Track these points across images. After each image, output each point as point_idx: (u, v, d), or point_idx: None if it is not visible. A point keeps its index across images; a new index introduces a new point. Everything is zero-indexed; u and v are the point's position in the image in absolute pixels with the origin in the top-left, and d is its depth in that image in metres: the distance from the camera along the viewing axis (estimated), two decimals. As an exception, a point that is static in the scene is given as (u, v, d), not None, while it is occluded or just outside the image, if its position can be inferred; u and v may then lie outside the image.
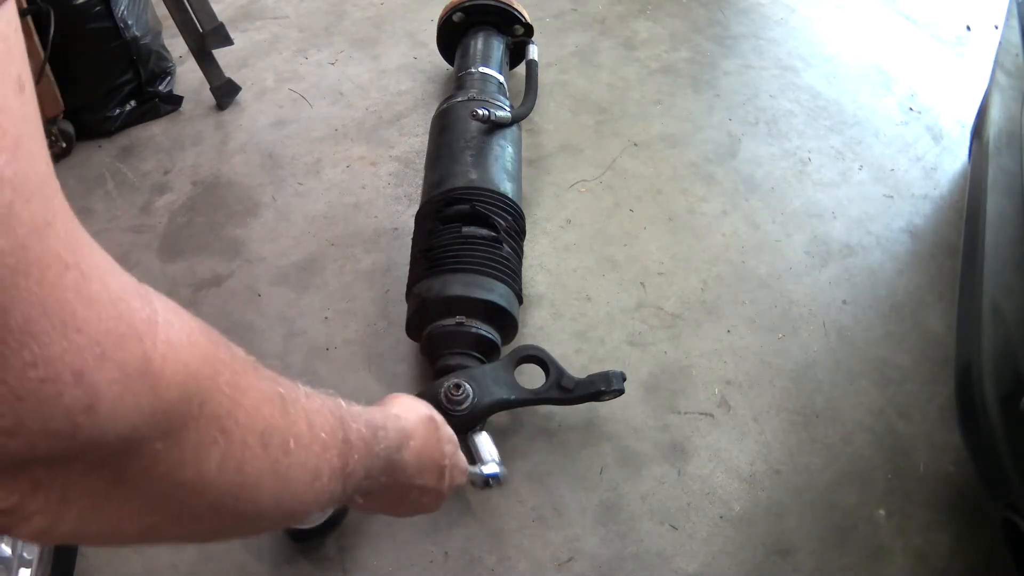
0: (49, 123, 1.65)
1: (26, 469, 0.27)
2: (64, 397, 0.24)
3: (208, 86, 1.82)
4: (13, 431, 0.24)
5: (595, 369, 1.22)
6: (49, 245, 0.24)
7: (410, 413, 0.65)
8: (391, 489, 0.61)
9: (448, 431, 0.73)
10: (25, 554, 0.90)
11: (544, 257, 1.52)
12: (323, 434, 0.43)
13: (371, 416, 0.54)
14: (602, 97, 1.89)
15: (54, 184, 0.25)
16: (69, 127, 1.71)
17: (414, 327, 1.26)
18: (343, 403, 0.49)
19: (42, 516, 0.29)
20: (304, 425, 0.41)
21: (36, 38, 1.48)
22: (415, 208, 1.42)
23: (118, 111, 1.76)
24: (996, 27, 2.14)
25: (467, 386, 1.11)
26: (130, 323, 0.27)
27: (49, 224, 0.24)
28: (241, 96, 1.87)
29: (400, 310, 1.31)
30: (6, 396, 0.23)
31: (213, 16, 1.73)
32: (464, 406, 1.11)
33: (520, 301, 1.28)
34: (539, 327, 1.40)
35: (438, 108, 1.52)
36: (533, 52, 1.73)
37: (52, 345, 0.24)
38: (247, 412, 0.35)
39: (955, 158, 1.78)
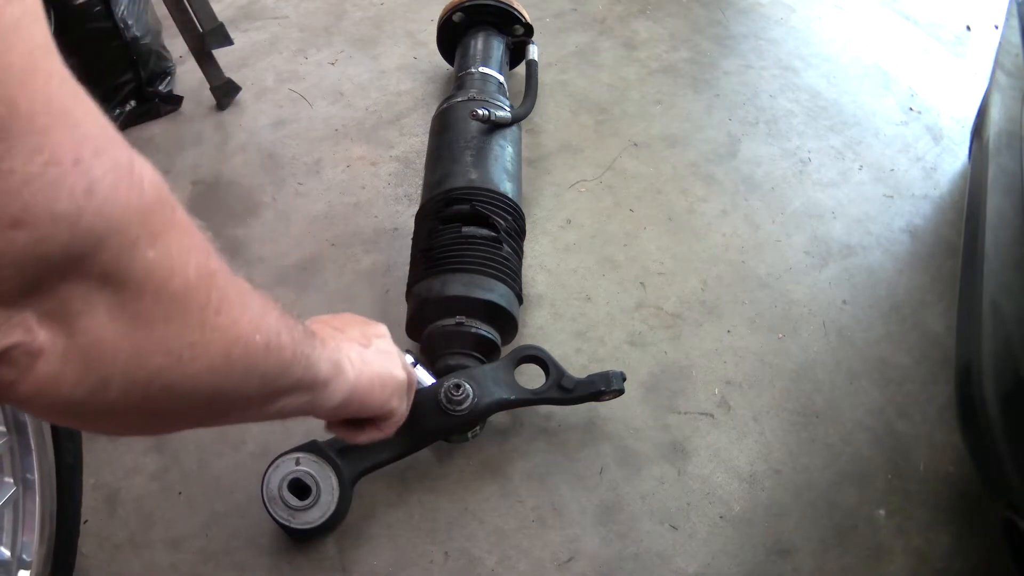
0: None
1: (31, 292, 0.28)
2: (67, 179, 0.27)
3: (208, 86, 1.82)
4: (20, 218, 0.25)
5: (595, 369, 1.22)
6: (53, 60, 0.27)
7: (364, 368, 0.65)
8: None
9: (400, 385, 0.74)
10: (24, 556, 0.90)
11: (544, 257, 1.52)
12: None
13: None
14: (602, 97, 1.90)
15: (42, 16, 0.27)
16: (69, 127, 1.70)
17: (414, 327, 1.26)
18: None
19: (48, 358, 0.29)
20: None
21: (36, 38, 1.48)
22: (415, 208, 1.42)
23: (118, 111, 1.76)
24: (996, 27, 2.14)
25: (467, 386, 1.11)
26: (115, 134, 0.30)
27: (48, 47, 0.27)
28: (241, 96, 1.87)
29: (400, 310, 1.31)
30: (14, 183, 0.25)
31: (213, 16, 1.73)
32: (464, 406, 1.11)
33: (520, 301, 1.28)
34: (539, 327, 1.40)
35: (438, 108, 1.52)
36: (533, 52, 1.73)
37: (54, 134, 0.26)
38: (201, 238, 0.37)
39: (955, 158, 1.78)
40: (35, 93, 0.26)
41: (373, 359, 0.67)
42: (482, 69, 1.62)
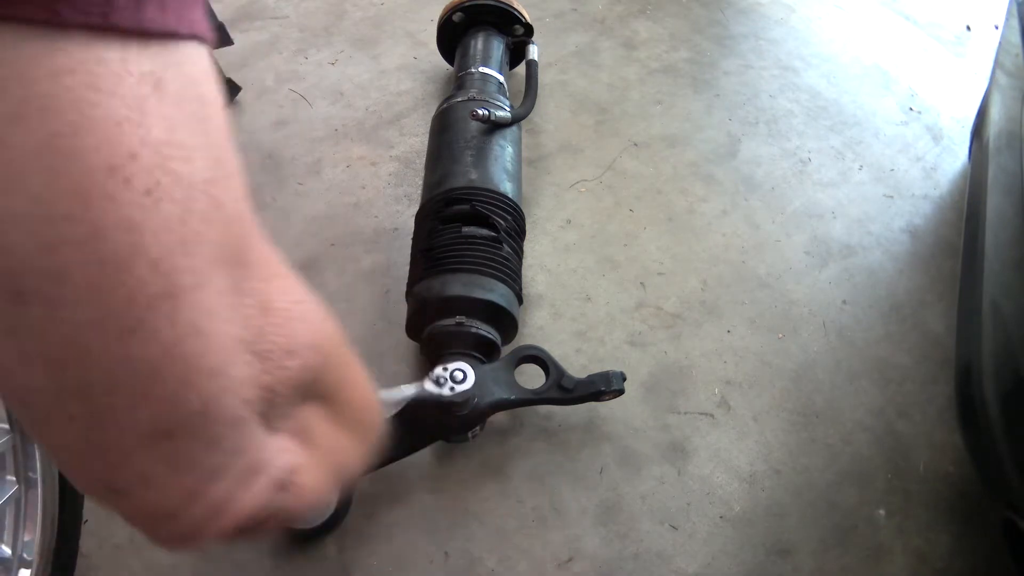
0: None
1: (288, 415, 0.32)
2: (312, 313, 0.31)
3: (208, 86, 1.82)
4: (293, 350, 0.29)
5: (595, 369, 1.22)
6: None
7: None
8: None
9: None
10: (25, 555, 0.90)
11: (544, 257, 1.52)
12: None
13: None
14: (602, 97, 1.90)
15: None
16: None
17: (414, 327, 1.26)
18: None
19: (305, 469, 0.33)
20: None
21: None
22: (415, 208, 1.42)
23: (118, 111, 1.76)
24: (996, 27, 2.14)
25: (467, 386, 1.11)
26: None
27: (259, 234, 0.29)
28: (241, 96, 1.87)
29: (400, 310, 1.31)
30: (286, 318, 0.29)
31: (213, 16, 1.73)
32: (464, 406, 1.11)
33: (520, 301, 1.28)
34: (539, 327, 1.40)
35: (438, 108, 1.51)
36: (533, 52, 1.73)
37: (289, 277, 0.31)
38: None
39: (955, 158, 1.78)
40: (258, 237, 0.28)
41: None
42: (482, 69, 1.62)
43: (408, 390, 1.05)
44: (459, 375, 1.08)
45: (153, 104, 0.22)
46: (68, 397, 0.23)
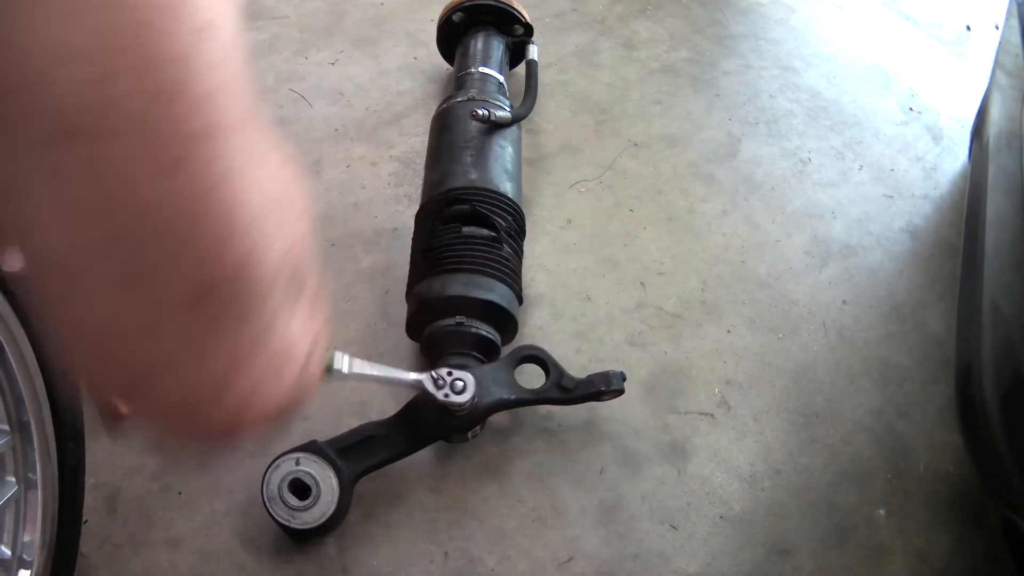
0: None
1: (303, 294, 0.33)
2: None
3: (208, 86, 1.81)
4: (298, 210, 0.31)
5: (595, 369, 1.22)
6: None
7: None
8: None
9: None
10: (25, 555, 0.90)
11: (544, 257, 1.52)
12: None
13: None
14: (602, 97, 1.89)
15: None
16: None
17: (414, 327, 1.26)
18: None
19: (318, 352, 0.33)
20: None
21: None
22: (415, 208, 1.42)
23: (118, 111, 1.76)
24: (996, 27, 2.14)
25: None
26: None
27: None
28: (241, 96, 1.87)
29: (400, 310, 1.31)
30: (292, 180, 0.31)
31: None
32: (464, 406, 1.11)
33: (520, 301, 1.28)
34: (539, 327, 1.40)
35: (438, 108, 1.52)
36: (533, 52, 1.73)
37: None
38: None
39: (955, 158, 1.78)
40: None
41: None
42: (482, 69, 1.62)
43: (410, 377, 1.07)
44: (459, 384, 1.08)
45: None
46: (107, 251, 0.23)
